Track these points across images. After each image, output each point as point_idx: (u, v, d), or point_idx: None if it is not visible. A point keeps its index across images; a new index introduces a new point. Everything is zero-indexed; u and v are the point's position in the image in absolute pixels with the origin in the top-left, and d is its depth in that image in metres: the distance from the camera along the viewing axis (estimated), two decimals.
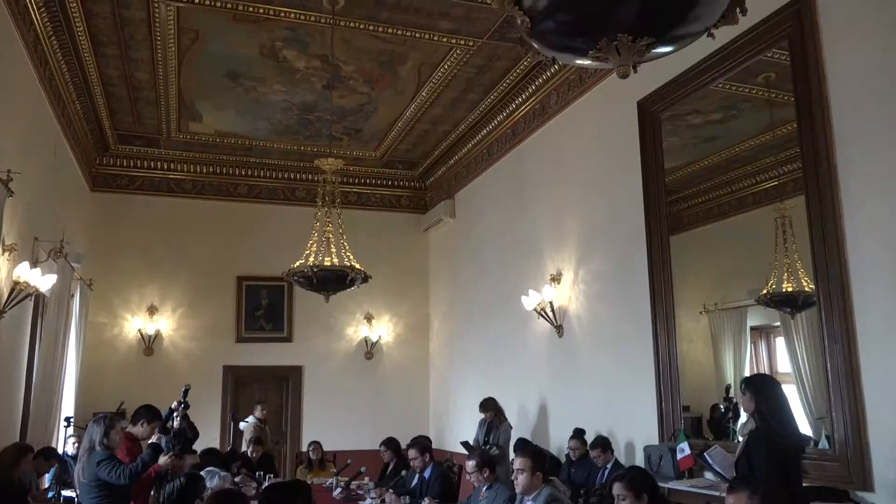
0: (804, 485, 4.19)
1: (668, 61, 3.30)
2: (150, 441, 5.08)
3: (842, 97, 4.49)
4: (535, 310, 7.65)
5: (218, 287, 10.79)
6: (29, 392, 7.13)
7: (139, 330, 10.31)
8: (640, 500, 3.53)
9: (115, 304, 10.33)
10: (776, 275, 5.08)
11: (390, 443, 7.85)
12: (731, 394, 5.67)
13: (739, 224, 5.66)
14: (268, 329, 10.96)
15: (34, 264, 6.51)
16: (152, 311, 10.42)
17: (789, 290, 4.98)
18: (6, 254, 6.04)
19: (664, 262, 6.04)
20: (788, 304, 5.10)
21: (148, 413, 5.70)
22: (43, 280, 6.44)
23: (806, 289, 4.80)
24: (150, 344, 10.32)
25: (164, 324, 10.49)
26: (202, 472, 5.10)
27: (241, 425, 9.27)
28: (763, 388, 4.00)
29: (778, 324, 5.48)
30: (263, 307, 10.97)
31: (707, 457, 4.51)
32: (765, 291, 5.18)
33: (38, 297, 7.21)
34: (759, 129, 5.40)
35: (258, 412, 9.08)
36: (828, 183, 4.48)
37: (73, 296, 8.34)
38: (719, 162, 5.86)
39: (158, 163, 10.67)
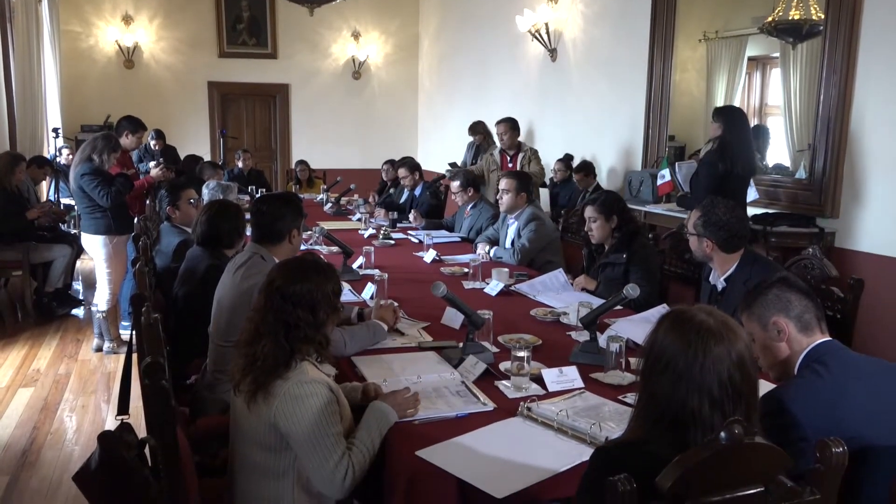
0: (775, 211, 4.51)
1: None
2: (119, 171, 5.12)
3: None
4: (530, 31, 7.36)
5: None
6: (11, 103, 7.03)
7: (116, 41, 9.91)
8: (609, 221, 3.72)
9: (87, 12, 9.79)
10: (785, 1, 4.83)
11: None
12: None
13: None
14: (251, 44, 10.56)
15: None
16: (127, 20, 9.92)
17: (796, 17, 4.77)
18: None
19: None
20: (792, 32, 4.92)
21: (130, 124, 5.68)
22: None
23: (814, 17, 4.60)
24: (129, 56, 9.99)
25: (142, 35, 10.04)
26: (219, 183, 5.21)
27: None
28: (733, 118, 4.27)
29: (777, 54, 5.36)
30: (245, 20, 10.47)
31: (677, 166, 4.83)
32: (770, 19, 4.96)
33: (2, 2, 6.80)
34: None
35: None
36: None
37: (40, 0, 7.85)
38: None
39: None
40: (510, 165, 6.44)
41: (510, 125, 6.48)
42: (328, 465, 1.85)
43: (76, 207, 5.34)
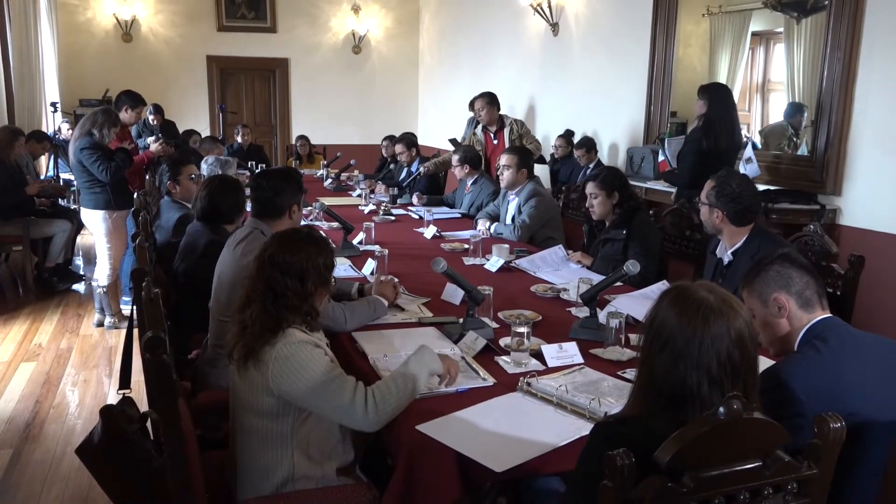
0: (776, 188, 4.49)
1: None
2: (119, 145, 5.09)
3: None
4: (531, 5, 7.28)
5: None
6: (9, 77, 6.98)
7: (114, 14, 9.81)
8: (611, 197, 3.71)
9: None
10: None
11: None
12: None
13: None
14: (250, 18, 10.46)
15: None
16: None
17: None
18: None
19: None
20: (797, 7, 4.87)
21: (130, 99, 5.64)
22: None
23: None
24: (127, 30, 9.90)
25: (140, 8, 9.94)
26: (217, 158, 5.18)
27: None
28: (717, 95, 4.29)
29: (780, 30, 5.30)
30: None
31: (666, 142, 4.85)
32: None
33: None
34: None
35: None
36: None
37: None
38: None
39: None
40: (495, 143, 6.07)
41: (487, 100, 5.99)
42: (344, 403, 1.86)
43: (75, 182, 5.32)
